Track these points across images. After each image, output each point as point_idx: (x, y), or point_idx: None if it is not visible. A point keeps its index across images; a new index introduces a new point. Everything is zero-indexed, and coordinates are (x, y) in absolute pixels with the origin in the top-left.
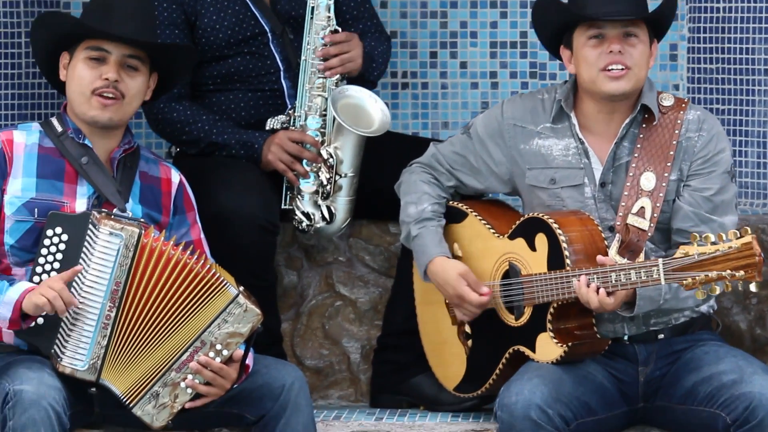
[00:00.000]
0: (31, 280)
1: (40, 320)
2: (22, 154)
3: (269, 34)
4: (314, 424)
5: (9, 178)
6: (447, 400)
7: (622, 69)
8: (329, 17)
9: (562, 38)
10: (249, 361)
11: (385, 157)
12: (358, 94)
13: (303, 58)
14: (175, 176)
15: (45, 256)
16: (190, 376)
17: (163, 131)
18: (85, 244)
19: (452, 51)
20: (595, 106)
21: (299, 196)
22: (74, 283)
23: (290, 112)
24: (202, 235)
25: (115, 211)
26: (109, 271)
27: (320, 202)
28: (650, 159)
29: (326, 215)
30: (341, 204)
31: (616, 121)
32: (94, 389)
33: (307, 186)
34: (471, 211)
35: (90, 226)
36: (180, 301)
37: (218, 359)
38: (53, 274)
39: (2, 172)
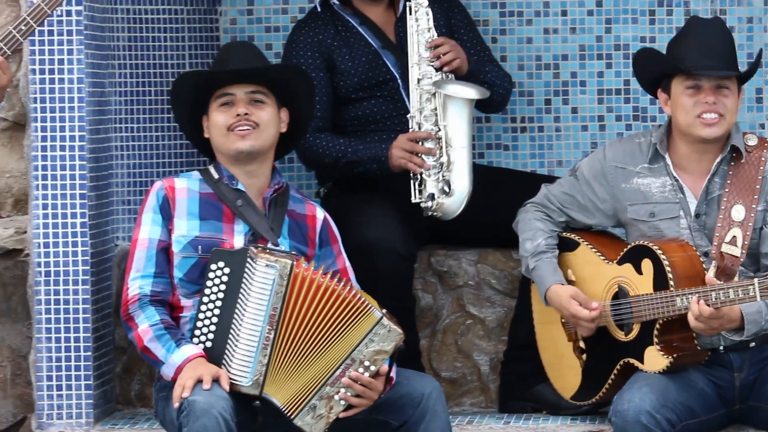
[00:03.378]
0: (198, 309)
1: (209, 343)
2: (185, 197)
3: (399, 80)
4: (450, 428)
5: (174, 219)
6: (567, 405)
7: (716, 117)
8: (430, 28)
9: (661, 82)
10: (393, 374)
11: (508, 193)
12: (457, 81)
13: (411, 64)
14: (320, 213)
15: (210, 288)
16: (342, 390)
17: (309, 161)
18: (245, 275)
19: (564, 98)
20: (688, 147)
21: (423, 184)
22: (237, 310)
23: (408, 116)
24: (348, 264)
25: (269, 245)
26: (267, 299)
27: (439, 178)
28: (739, 193)
29: (445, 188)
30: (457, 175)
31: (708, 159)
32: (257, 402)
33: (426, 172)
34: (583, 241)
35: (248, 259)
36: (331, 323)
37: (366, 374)
38: (218, 303)
39: (167, 215)
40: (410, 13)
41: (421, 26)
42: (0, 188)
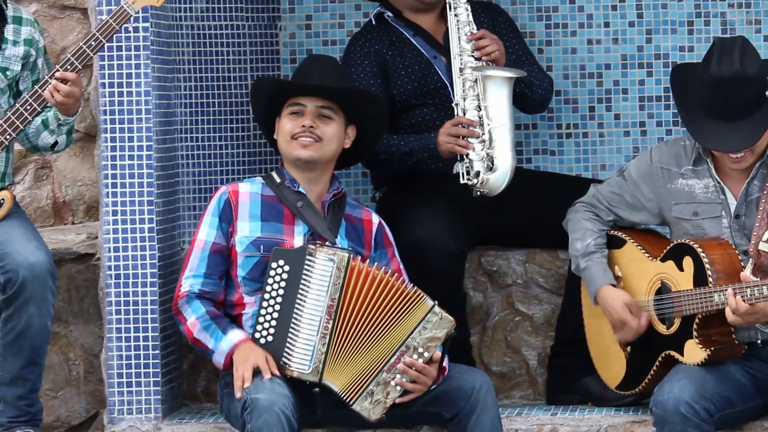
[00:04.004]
0: (259, 305)
1: (270, 338)
2: (247, 201)
3: (449, 88)
4: (500, 419)
5: (236, 222)
6: (611, 397)
7: (742, 154)
8: (470, 21)
9: None
10: (445, 363)
11: (554, 196)
12: (495, 67)
13: (453, 55)
14: (375, 218)
15: (271, 285)
16: (398, 376)
17: (369, 161)
18: (304, 271)
19: (607, 105)
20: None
21: (471, 165)
22: (297, 303)
23: (453, 104)
24: (402, 266)
25: (326, 243)
26: (325, 290)
27: (483, 157)
28: None
29: (489, 164)
30: (499, 152)
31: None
32: (317, 389)
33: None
34: (629, 239)
35: (307, 256)
36: (386, 312)
37: (420, 360)
38: (279, 299)
39: (228, 218)
40: (450, 9)
41: (461, 20)
42: (73, 196)
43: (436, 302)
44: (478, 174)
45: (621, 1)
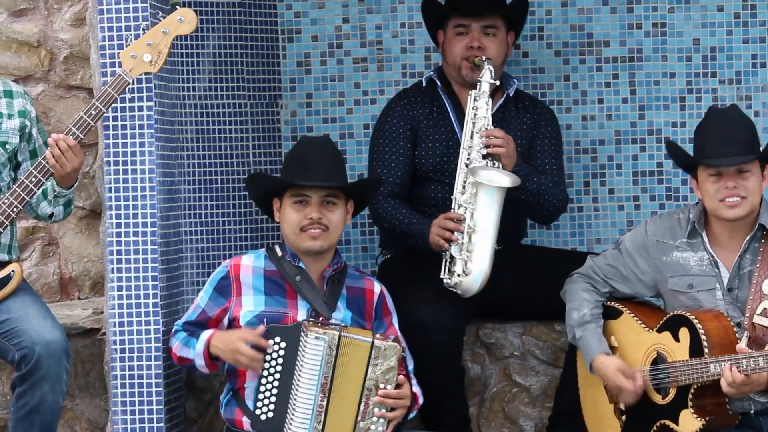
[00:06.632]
0: (258, 383)
1: (270, 414)
2: (250, 274)
3: None
4: None
5: (233, 297)
6: None
7: (738, 199)
8: (487, 117)
9: (690, 170)
10: (416, 390)
11: (550, 270)
12: (495, 168)
13: (462, 148)
14: (377, 288)
15: (269, 362)
16: (376, 409)
17: (375, 221)
18: (299, 348)
19: (602, 180)
20: (720, 225)
21: (454, 261)
22: (294, 381)
23: (452, 197)
24: (399, 335)
25: (321, 319)
26: (318, 369)
27: (460, 257)
28: None
29: (464, 269)
30: (476, 257)
31: (739, 237)
32: None
33: (454, 249)
34: (625, 310)
35: (302, 333)
36: (342, 367)
37: (390, 387)
38: (277, 376)
39: (225, 293)
40: (472, 100)
41: (478, 114)
42: (79, 272)
43: (377, 335)
44: (453, 273)
45: (614, 78)
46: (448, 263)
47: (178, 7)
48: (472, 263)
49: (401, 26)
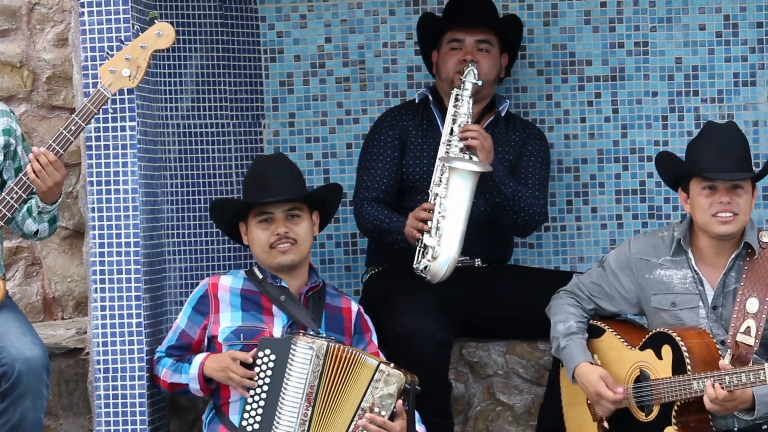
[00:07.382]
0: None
1: (257, 425)
2: (227, 293)
3: None
4: None
5: (212, 314)
6: None
7: (730, 215)
8: (468, 114)
9: (681, 182)
10: (420, 429)
11: (533, 289)
12: (467, 159)
13: (441, 142)
14: (354, 306)
15: (258, 373)
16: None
17: (358, 226)
18: (289, 359)
19: (584, 198)
20: (707, 242)
21: (423, 249)
22: (281, 392)
23: (429, 190)
24: (378, 351)
25: (309, 331)
26: (305, 377)
27: (430, 243)
28: (754, 286)
29: (432, 252)
30: (445, 241)
31: (725, 255)
32: None
33: (426, 238)
34: (608, 328)
35: (292, 345)
36: (340, 382)
37: (382, 413)
38: (265, 388)
39: (204, 311)
40: (454, 100)
41: (459, 112)
42: (62, 292)
43: (382, 359)
44: (423, 258)
45: (597, 97)
46: (420, 252)
47: (156, 21)
48: (440, 247)
49: (384, 46)
